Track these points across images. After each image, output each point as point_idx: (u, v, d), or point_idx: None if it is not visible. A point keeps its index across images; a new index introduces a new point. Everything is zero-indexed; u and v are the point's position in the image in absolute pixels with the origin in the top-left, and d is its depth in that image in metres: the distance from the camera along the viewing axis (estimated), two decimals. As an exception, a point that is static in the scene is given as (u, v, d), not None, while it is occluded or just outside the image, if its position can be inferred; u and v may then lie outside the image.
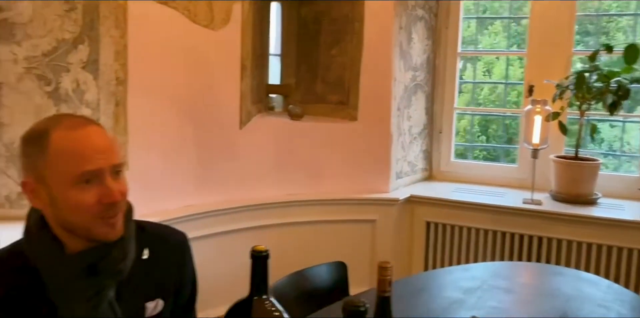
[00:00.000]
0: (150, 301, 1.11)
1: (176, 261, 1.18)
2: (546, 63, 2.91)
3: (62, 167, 0.96)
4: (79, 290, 1.00)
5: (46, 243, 1.00)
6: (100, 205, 0.97)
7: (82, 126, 0.99)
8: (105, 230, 0.99)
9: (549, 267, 2.22)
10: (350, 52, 2.78)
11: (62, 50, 2.09)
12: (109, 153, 0.99)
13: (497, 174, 3.15)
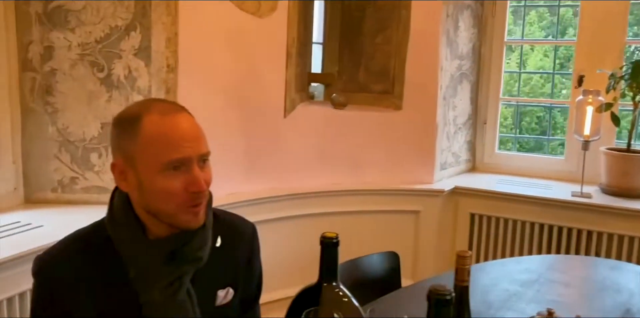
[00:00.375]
0: (221, 289, 1.11)
1: (246, 251, 1.18)
2: (597, 52, 2.83)
3: (152, 153, 0.97)
4: (160, 275, 1.00)
5: (131, 227, 1.01)
6: (185, 193, 0.97)
7: (173, 112, 1.00)
8: (189, 218, 1.00)
9: (606, 261, 2.16)
10: (395, 40, 2.73)
11: (114, 37, 2.11)
12: (197, 142, 0.99)
13: (542, 167, 3.08)
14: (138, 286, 1.01)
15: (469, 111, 3.11)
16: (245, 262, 1.17)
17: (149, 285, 1.01)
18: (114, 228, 1.02)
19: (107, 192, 2.20)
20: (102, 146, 2.19)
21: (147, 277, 1.00)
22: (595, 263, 1.95)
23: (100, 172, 2.21)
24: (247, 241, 1.18)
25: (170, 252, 1.00)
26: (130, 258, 1.01)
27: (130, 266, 1.01)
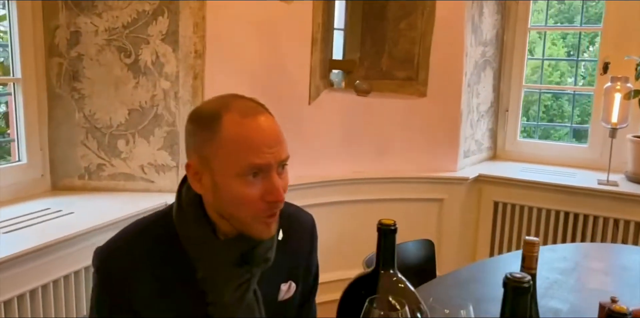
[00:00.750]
0: (284, 283, 1.09)
1: (307, 243, 1.15)
2: (623, 39, 2.79)
3: (230, 156, 0.91)
4: (229, 277, 0.98)
5: (202, 226, 0.97)
6: (261, 202, 0.93)
7: (254, 113, 0.93)
8: (261, 228, 0.96)
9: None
10: (420, 26, 2.70)
11: (142, 22, 2.08)
12: (278, 147, 0.93)
13: (565, 155, 3.06)
14: (206, 286, 0.98)
15: (491, 99, 3.08)
16: (306, 254, 1.14)
17: (217, 287, 0.98)
18: (183, 226, 0.99)
19: (134, 179, 2.21)
20: (129, 132, 2.17)
21: (216, 279, 0.98)
22: (630, 251, 1.93)
23: (127, 159, 2.20)
24: (308, 232, 1.16)
25: (242, 254, 0.97)
26: (200, 258, 0.98)
27: (199, 266, 0.98)
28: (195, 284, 0.98)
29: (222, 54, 2.20)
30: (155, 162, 2.21)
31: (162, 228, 1.00)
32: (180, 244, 0.99)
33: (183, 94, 2.14)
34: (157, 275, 0.98)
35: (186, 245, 0.98)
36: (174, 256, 0.99)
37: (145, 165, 2.21)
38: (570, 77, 4.14)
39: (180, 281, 0.99)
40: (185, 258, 0.98)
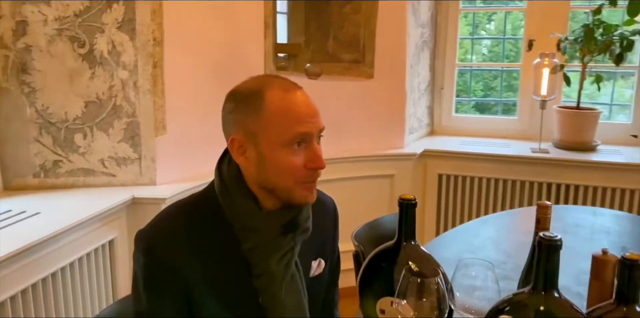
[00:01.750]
0: (314, 260, 1.15)
1: (331, 223, 1.23)
2: (546, 18, 3.04)
3: (277, 127, 0.98)
4: (276, 246, 1.03)
5: (248, 199, 1.02)
6: (304, 169, 1.00)
7: (293, 88, 1.01)
8: (305, 194, 1.03)
9: (584, 208, 2.41)
10: (364, 10, 2.78)
11: (95, 10, 1.99)
12: (317, 117, 1.01)
13: (497, 127, 3.31)
14: (253, 257, 1.03)
15: (428, 78, 3.25)
16: (331, 232, 1.22)
17: (264, 256, 1.03)
18: (228, 200, 1.03)
19: (94, 174, 2.15)
20: (86, 126, 2.09)
21: (262, 248, 1.03)
22: (577, 211, 2.17)
23: (85, 154, 2.12)
24: (331, 213, 1.23)
25: (287, 223, 1.03)
26: (248, 230, 1.02)
27: (246, 238, 1.02)
28: (241, 259, 1.03)
29: (180, 41, 2.16)
30: (116, 155, 2.15)
31: (205, 205, 1.05)
32: (224, 219, 1.03)
33: (143, 83, 2.09)
34: (203, 252, 1.02)
35: (231, 219, 1.03)
36: (218, 232, 1.03)
37: (106, 159, 2.14)
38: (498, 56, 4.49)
39: (226, 256, 1.03)
40: (230, 232, 1.03)
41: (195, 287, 1.01)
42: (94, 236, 1.92)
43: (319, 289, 1.18)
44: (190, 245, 1.01)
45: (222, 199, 1.04)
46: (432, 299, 0.99)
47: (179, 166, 2.26)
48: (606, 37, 2.70)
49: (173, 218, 1.05)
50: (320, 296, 1.20)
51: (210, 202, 1.05)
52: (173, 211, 1.06)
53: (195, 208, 1.06)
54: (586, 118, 2.88)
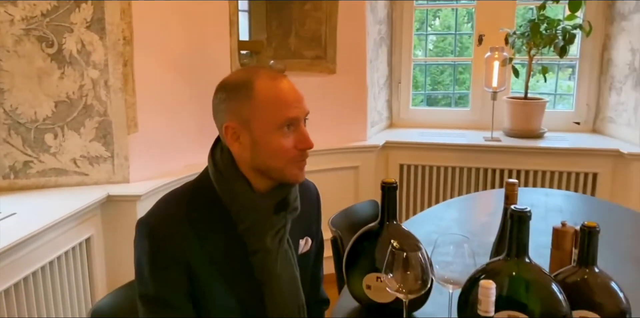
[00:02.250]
0: (301, 238, 1.24)
1: (315, 205, 1.32)
2: (494, 14, 3.23)
3: (268, 113, 1.06)
4: (269, 225, 1.12)
5: (241, 182, 1.10)
6: (295, 150, 1.09)
7: (280, 77, 1.10)
8: (296, 172, 1.11)
9: (537, 190, 2.59)
10: (325, 7, 2.87)
11: (63, 9, 2.00)
12: (303, 102, 1.10)
13: (451, 118, 3.48)
14: (249, 236, 1.11)
15: (386, 73, 3.38)
16: (315, 213, 1.31)
17: (259, 234, 1.11)
18: (224, 186, 1.11)
19: (66, 174, 2.16)
20: (57, 126, 2.10)
21: (257, 227, 1.11)
22: (531, 192, 2.35)
23: (57, 153, 2.13)
24: (314, 196, 1.32)
25: (278, 203, 1.12)
26: (243, 210, 1.10)
27: (242, 219, 1.10)
28: (238, 239, 1.11)
29: (149, 39, 2.19)
30: (88, 154, 2.16)
31: (201, 191, 1.12)
32: (220, 203, 1.11)
33: (114, 82, 2.11)
34: (203, 235, 1.09)
35: (227, 202, 1.11)
36: (215, 216, 1.11)
37: (78, 158, 2.15)
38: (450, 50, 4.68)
39: (224, 237, 1.11)
40: (226, 215, 1.11)
41: (197, 267, 1.08)
42: (71, 234, 1.94)
43: (307, 265, 1.28)
44: (190, 229, 1.08)
45: (217, 184, 1.12)
46: (415, 272, 1.10)
47: (152, 163, 2.29)
48: (550, 31, 2.90)
49: (172, 204, 1.12)
50: (308, 272, 1.29)
51: (206, 188, 1.12)
52: (171, 199, 1.13)
53: (192, 195, 1.13)
54: (534, 108, 3.09)
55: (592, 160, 2.88)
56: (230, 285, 1.13)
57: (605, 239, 1.56)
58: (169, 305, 1.09)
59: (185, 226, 1.08)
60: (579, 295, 1.05)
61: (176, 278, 1.08)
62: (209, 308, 1.12)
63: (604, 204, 2.35)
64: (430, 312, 1.23)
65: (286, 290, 1.18)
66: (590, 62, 3.23)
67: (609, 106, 3.16)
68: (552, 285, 1.04)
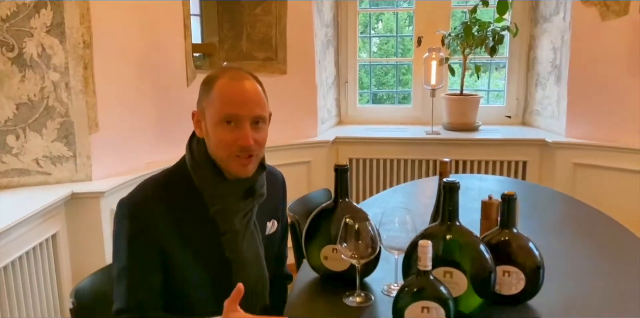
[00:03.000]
0: (268, 221, 1.39)
1: (281, 190, 1.49)
2: (431, 17, 3.48)
3: (215, 107, 1.21)
4: (237, 209, 1.27)
5: (213, 170, 1.25)
6: (234, 145, 1.21)
7: (240, 78, 1.24)
8: (237, 168, 1.24)
9: (472, 176, 2.84)
10: (275, 11, 3.03)
11: (23, 15, 2.07)
12: (252, 104, 1.23)
13: (395, 115, 3.71)
14: (219, 218, 1.26)
15: (334, 73, 3.58)
16: (281, 198, 1.47)
17: (228, 217, 1.26)
18: (199, 173, 1.25)
19: (29, 174, 2.24)
20: (18, 127, 2.17)
21: (227, 210, 1.26)
22: (466, 178, 2.58)
23: (19, 154, 2.19)
24: (280, 183, 1.49)
25: (246, 190, 1.26)
26: (215, 196, 1.24)
27: (214, 203, 1.24)
28: (209, 220, 1.25)
29: (107, 43, 2.28)
30: (50, 154, 2.24)
31: (177, 178, 1.27)
32: (194, 188, 1.25)
33: (75, 84, 2.19)
34: (178, 217, 1.23)
35: (201, 188, 1.25)
36: (190, 199, 1.25)
37: (40, 158, 2.23)
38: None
39: (197, 219, 1.25)
40: (199, 200, 1.25)
41: (171, 245, 1.22)
42: (38, 231, 2.02)
43: (273, 245, 1.43)
44: (166, 211, 1.22)
45: (193, 172, 1.26)
46: (366, 241, 1.28)
47: (114, 161, 2.39)
48: (481, 33, 3.17)
49: (151, 188, 1.25)
50: (274, 251, 1.45)
51: (182, 174, 1.27)
52: (150, 183, 1.27)
53: (169, 180, 1.27)
54: (469, 103, 3.36)
55: (522, 149, 3.17)
56: (201, 262, 1.26)
57: (533, 214, 1.82)
58: (140, 276, 1.21)
59: (161, 207, 1.22)
60: (502, 253, 1.26)
61: (149, 254, 1.21)
62: (181, 282, 1.25)
63: (531, 186, 2.62)
64: (379, 277, 1.41)
65: (252, 266, 1.33)
66: (518, 61, 3.54)
67: (535, 100, 3.47)
68: (480, 245, 1.24)
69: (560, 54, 3.18)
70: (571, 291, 1.37)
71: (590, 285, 1.42)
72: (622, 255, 1.62)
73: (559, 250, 1.63)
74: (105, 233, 2.20)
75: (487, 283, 1.22)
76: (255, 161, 1.28)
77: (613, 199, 2.83)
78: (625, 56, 2.95)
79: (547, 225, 1.90)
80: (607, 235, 1.81)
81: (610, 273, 1.49)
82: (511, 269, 1.26)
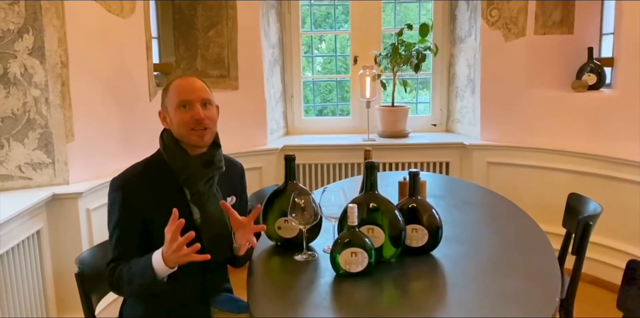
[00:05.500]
0: (228, 196, 1.77)
1: (239, 172, 1.88)
2: (365, 39, 3.97)
3: (171, 97, 1.64)
4: (201, 176, 1.66)
5: (180, 150, 1.65)
6: (191, 121, 1.62)
7: (189, 76, 1.69)
8: (195, 139, 1.64)
9: (405, 172, 3.29)
10: (226, 34, 3.44)
11: (7, 39, 2.38)
12: (199, 92, 1.65)
13: (336, 126, 4.16)
14: (187, 184, 1.65)
15: (281, 88, 4.00)
16: (239, 179, 1.85)
17: (196, 182, 1.65)
18: (170, 154, 1.65)
19: (12, 179, 2.54)
20: (2, 138, 2.45)
21: (193, 178, 1.65)
22: (399, 175, 3.03)
23: (3, 162, 2.47)
24: (239, 170, 1.89)
25: (206, 161, 1.66)
26: (182, 167, 1.64)
27: (181, 173, 1.64)
28: (180, 189, 1.65)
29: (81, 63, 2.60)
30: (31, 161, 2.52)
31: (155, 161, 1.68)
32: (168, 168, 1.65)
33: (53, 99, 2.50)
34: (156, 189, 1.63)
35: (171, 164, 1.65)
36: (165, 176, 1.65)
37: (22, 165, 2.51)
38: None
39: (170, 190, 1.65)
40: (172, 175, 1.65)
41: (150, 210, 1.61)
42: (24, 227, 2.29)
43: None
44: (147, 185, 1.62)
45: (165, 153, 1.66)
46: (310, 211, 1.68)
47: (88, 167, 2.69)
48: (407, 52, 3.68)
49: (135, 169, 1.66)
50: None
51: (158, 158, 1.68)
52: (135, 165, 1.68)
53: (148, 162, 1.69)
54: (399, 113, 3.85)
55: (444, 152, 3.68)
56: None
57: (448, 197, 2.27)
58: (126, 231, 1.61)
59: (143, 183, 1.62)
60: (411, 215, 1.69)
61: (133, 218, 1.60)
62: (160, 239, 1.58)
63: (452, 179, 3.10)
64: (321, 242, 1.81)
65: (216, 224, 1.68)
66: (441, 76, 4.07)
67: (456, 110, 4.00)
68: (395, 210, 1.66)
69: (474, 70, 3.72)
70: (461, 248, 1.81)
71: (477, 246, 1.86)
72: (509, 229, 2.06)
73: (461, 220, 2.09)
74: (82, 228, 2.50)
75: (399, 237, 1.64)
76: (209, 134, 1.67)
77: (520, 190, 3.36)
78: (524, 70, 3.53)
79: (458, 204, 2.36)
80: (503, 214, 2.27)
81: (494, 240, 1.94)
82: (418, 227, 1.69)
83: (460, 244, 1.83)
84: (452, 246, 1.79)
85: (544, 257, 1.68)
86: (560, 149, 3.31)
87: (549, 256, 1.69)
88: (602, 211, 2.10)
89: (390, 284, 1.56)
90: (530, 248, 1.81)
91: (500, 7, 3.49)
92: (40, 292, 2.39)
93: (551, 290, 1.43)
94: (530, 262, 1.67)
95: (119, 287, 1.60)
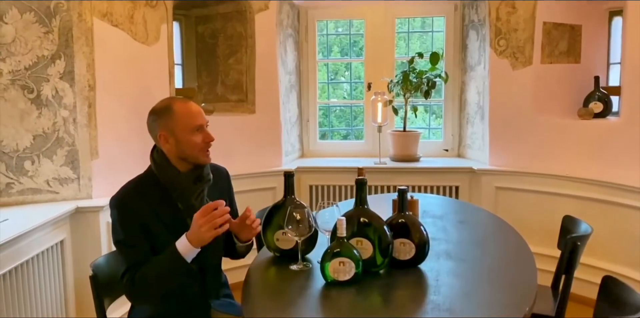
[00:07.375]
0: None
1: (225, 180, 2.04)
2: (378, 67, 4.14)
3: (185, 122, 1.77)
4: (191, 191, 1.81)
5: (171, 167, 1.80)
6: (203, 143, 1.79)
7: (188, 101, 1.83)
8: (204, 159, 1.82)
9: (420, 194, 3.39)
10: (245, 61, 3.65)
11: (42, 64, 2.62)
12: (203, 115, 1.82)
13: (350, 149, 4.30)
14: (180, 200, 1.79)
15: (297, 113, 4.17)
16: (226, 186, 2.01)
17: (186, 197, 1.80)
18: (161, 172, 1.80)
19: (40, 193, 2.74)
20: (34, 154, 2.66)
21: (184, 193, 1.79)
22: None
23: (33, 176, 2.68)
24: (225, 176, 2.05)
25: (196, 178, 1.81)
26: (174, 184, 1.79)
27: (174, 189, 1.79)
28: (174, 204, 1.79)
29: (107, 87, 2.83)
30: (59, 176, 2.72)
31: (147, 177, 1.83)
32: (160, 184, 1.80)
33: (80, 119, 2.72)
34: (151, 204, 1.77)
35: (164, 181, 1.80)
36: (158, 191, 1.79)
37: (50, 180, 2.71)
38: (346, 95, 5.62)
39: (165, 204, 1.79)
40: (165, 191, 1.79)
41: (149, 223, 1.75)
42: (49, 237, 2.48)
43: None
44: (143, 201, 1.77)
45: (157, 171, 1.81)
46: (305, 224, 1.81)
47: (110, 183, 2.86)
48: (418, 79, 3.82)
49: (131, 187, 1.81)
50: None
51: (151, 175, 1.83)
52: (129, 183, 1.83)
53: (142, 180, 1.83)
54: (411, 138, 3.97)
55: (454, 176, 3.77)
56: (171, 233, 1.76)
57: (449, 218, 2.36)
58: (133, 246, 1.74)
59: (140, 199, 1.77)
60: (399, 230, 1.80)
61: (137, 232, 1.74)
62: (159, 247, 1.75)
63: (460, 203, 3.19)
64: (316, 254, 1.92)
65: None
66: (452, 103, 4.20)
67: (467, 136, 4.10)
68: (384, 225, 1.77)
69: (483, 97, 3.84)
70: (448, 263, 1.90)
71: (464, 261, 1.95)
72: (498, 247, 2.15)
73: (452, 238, 2.18)
74: (102, 239, 2.67)
75: (387, 250, 1.75)
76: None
77: (527, 214, 3.41)
78: (531, 98, 3.63)
79: (455, 223, 2.45)
80: (495, 233, 2.36)
81: (481, 256, 2.02)
82: (406, 241, 1.80)
83: (448, 259, 1.92)
84: (440, 260, 1.88)
85: (524, 272, 1.77)
86: (566, 175, 3.38)
87: (529, 272, 1.77)
88: (592, 232, 2.16)
89: (374, 291, 1.66)
90: (515, 264, 1.90)
91: (508, 37, 3.62)
92: (61, 295, 2.55)
93: (523, 301, 1.51)
94: (510, 276, 1.76)
95: (144, 287, 1.70)
